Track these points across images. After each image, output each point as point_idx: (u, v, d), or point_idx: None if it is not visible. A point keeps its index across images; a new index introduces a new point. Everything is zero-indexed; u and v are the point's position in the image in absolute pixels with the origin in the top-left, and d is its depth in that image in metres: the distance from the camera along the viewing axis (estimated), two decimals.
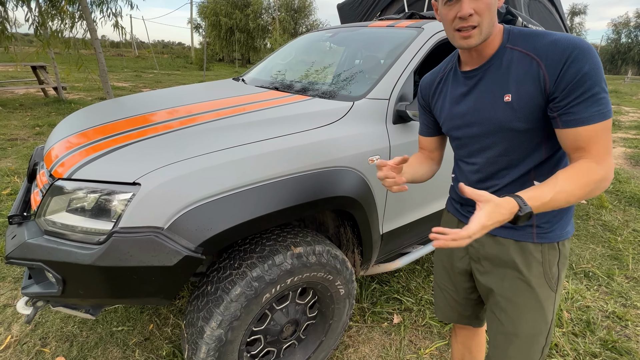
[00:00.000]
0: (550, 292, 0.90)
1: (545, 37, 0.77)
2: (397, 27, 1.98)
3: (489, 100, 0.83)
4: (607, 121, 0.73)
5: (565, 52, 0.72)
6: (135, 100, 1.90)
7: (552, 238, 0.88)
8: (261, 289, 1.16)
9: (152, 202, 1.00)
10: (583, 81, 0.71)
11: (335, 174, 1.31)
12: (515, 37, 0.81)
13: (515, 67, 0.79)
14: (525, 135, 0.81)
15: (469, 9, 0.75)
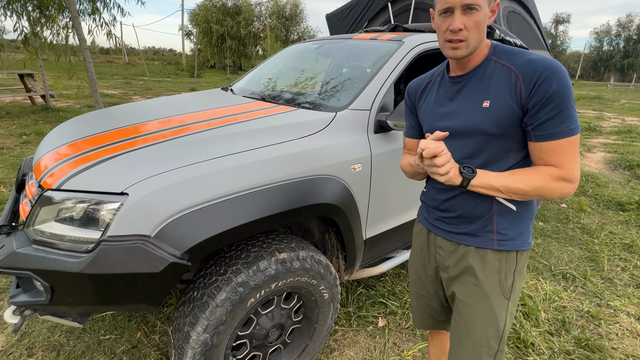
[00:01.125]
0: (504, 299, 0.94)
1: (524, 55, 0.85)
2: (379, 39, 2.07)
3: (469, 104, 0.91)
4: (574, 137, 0.81)
5: (538, 70, 0.80)
6: (124, 111, 1.94)
7: (512, 246, 0.93)
8: (246, 294, 1.20)
9: (139, 212, 1.03)
10: (552, 99, 0.79)
11: (318, 182, 1.37)
12: (500, 52, 0.90)
13: (497, 77, 0.87)
14: (497, 140, 0.88)
15: (459, 24, 0.83)
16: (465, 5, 0.82)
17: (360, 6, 4.10)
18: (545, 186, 0.83)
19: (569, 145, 0.81)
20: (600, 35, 41.33)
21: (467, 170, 0.86)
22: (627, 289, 2.18)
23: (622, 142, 6.50)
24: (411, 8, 3.61)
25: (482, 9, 0.83)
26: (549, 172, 0.83)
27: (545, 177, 0.83)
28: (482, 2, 0.83)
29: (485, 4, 0.84)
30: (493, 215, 0.93)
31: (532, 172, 0.85)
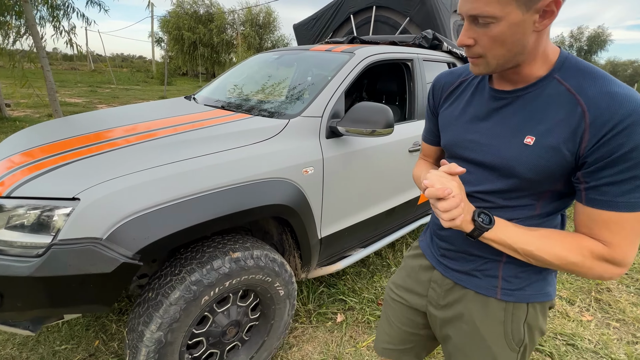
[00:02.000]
0: (511, 352, 0.78)
1: (604, 83, 0.60)
2: (333, 51, 2.20)
3: (507, 134, 0.69)
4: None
5: (619, 113, 0.56)
6: (82, 119, 1.95)
7: (521, 298, 0.76)
8: (200, 292, 1.26)
9: (90, 216, 1.08)
10: (627, 158, 0.56)
11: (271, 185, 1.45)
12: (569, 68, 0.65)
13: (555, 106, 0.64)
14: (528, 185, 0.69)
15: (466, 40, 0.65)
16: (471, 16, 0.63)
17: (325, 18, 4.27)
18: (581, 264, 0.63)
19: (633, 221, 0.59)
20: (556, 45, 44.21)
21: (482, 219, 0.68)
22: (561, 276, 2.40)
23: None
24: (371, 21, 3.81)
25: (506, 18, 0.60)
26: (591, 247, 0.62)
27: (585, 253, 0.63)
28: (505, 10, 0.59)
29: (511, 11, 0.59)
30: (501, 259, 0.76)
31: (568, 242, 0.65)
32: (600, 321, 1.98)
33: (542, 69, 0.67)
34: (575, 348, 1.77)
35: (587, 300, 2.17)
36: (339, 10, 4.05)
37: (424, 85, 2.36)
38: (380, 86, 3.07)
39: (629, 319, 2.01)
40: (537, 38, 0.63)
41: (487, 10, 0.59)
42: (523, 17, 0.59)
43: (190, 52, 26.73)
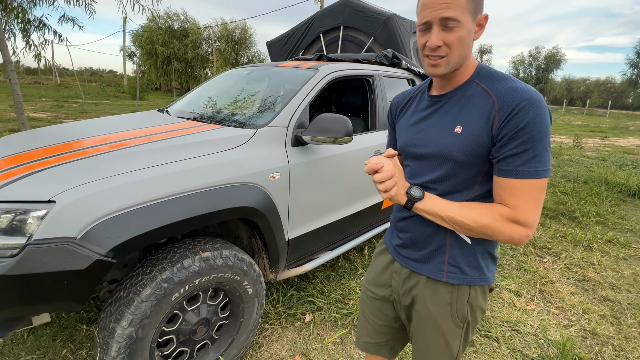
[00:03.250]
0: (456, 329, 0.92)
1: (508, 82, 0.79)
2: (300, 67, 2.37)
3: (442, 127, 0.86)
4: (538, 180, 0.74)
5: (517, 99, 0.74)
6: (53, 130, 1.99)
7: (463, 281, 0.88)
8: (170, 289, 1.34)
9: (65, 217, 1.15)
10: (523, 133, 0.72)
11: (239, 189, 1.57)
12: (485, 75, 0.83)
13: (475, 102, 0.81)
14: (465, 169, 0.83)
15: (437, 41, 0.77)
16: (443, 19, 0.76)
17: (297, 36, 4.49)
18: (493, 226, 0.77)
19: (531, 187, 0.74)
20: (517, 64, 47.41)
21: (413, 192, 0.84)
22: (512, 272, 2.63)
23: None
24: (339, 40, 4.06)
25: (465, 24, 0.76)
26: (499, 211, 0.77)
27: (495, 216, 0.77)
28: (464, 17, 0.75)
29: (469, 19, 0.77)
30: (446, 245, 0.88)
31: (482, 209, 0.80)
32: (542, 309, 2.20)
33: (467, 74, 0.85)
34: (519, 333, 1.96)
35: (532, 291, 2.39)
36: (310, 29, 4.28)
37: (384, 99, 2.57)
38: (347, 100, 3.28)
39: (567, 306, 2.23)
40: (471, 46, 0.82)
41: (456, 15, 0.75)
42: (472, 25, 0.78)
43: (164, 67, 26.49)
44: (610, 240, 3.25)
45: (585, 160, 7.08)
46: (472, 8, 0.77)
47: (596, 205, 4.16)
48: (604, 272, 2.69)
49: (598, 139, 11.69)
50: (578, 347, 1.88)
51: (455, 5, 0.75)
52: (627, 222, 3.75)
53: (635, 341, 1.96)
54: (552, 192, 4.74)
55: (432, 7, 0.77)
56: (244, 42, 27.93)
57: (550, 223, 3.64)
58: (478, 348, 1.85)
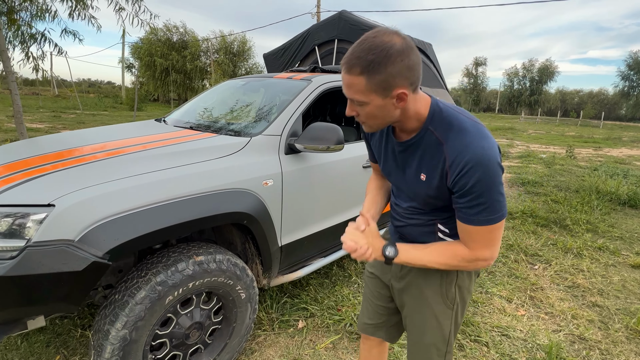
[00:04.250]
0: (447, 309, 1.03)
1: (459, 133, 0.82)
2: (294, 78, 2.45)
3: (410, 173, 0.94)
4: (492, 225, 0.82)
5: (464, 160, 0.79)
6: (52, 139, 2.04)
7: None
8: (164, 292, 1.37)
9: (64, 220, 1.19)
10: (472, 191, 0.80)
11: (232, 194, 1.61)
12: (438, 120, 0.86)
13: (431, 152, 0.87)
14: (438, 200, 0.92)
15: (350, 112, 0.87)
16: (351, 99, 0.83)
17: (293, 48, 4.60)
18: (460, 265, 0.90)
19: (485, 232, 0.83)
20: (511, 76, 48.24)
21: (388, 252, 0.92)
22: (503, 279, 2.67)
23: (522, 165, 7.67)
24: (334, 52, 4.17)
25: (372, 102, 0.81)
26: (462, 254, 0.88)
27: (459, 258, 0.88)
28: (369, 97, 0.80)
29: (375, 97, 0.80)
30: (436, 240, 1.00)
31: (448, 253, 0.90)
32: (532, 315, 2.23)
33: (417, 123, 0.88)
34: (508, 337, 1.99)
35: (522, 297, 2.43)
36: (305, 41, 4.40)
37: None
38: (340, 110, 3.36)
39: (556, 311, 2.27)
40: (403, 110, 0.84)
41: (357, 97, 0.81)
42: (384, 101, 0.81)
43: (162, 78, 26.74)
44: (600, 247, 3.30)
45: (578, 169, 7.19)
46: (376, 89, 0.78)
47: (587, 213, 4.23)
48: (594, 278, 2.74)
49: (591, 150, 11.86)
50: (566, 351, 1.91)
51: (357, 90, 0.80)
52: (617, 230, 3.81)
53: (622, 345, 1.99)
54: (544, 200, 4.81)
55: (344, 86, 0.83)
56: (243, 54, 28.30)
57: (542, 231, 3.70)
58: (468, 352, 1.88)
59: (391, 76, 0.77)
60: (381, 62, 0.75)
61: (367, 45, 0.76)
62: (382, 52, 0.75)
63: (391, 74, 0.76)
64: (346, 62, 0.79)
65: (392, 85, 0.78)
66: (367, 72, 0.76)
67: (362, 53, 0.76)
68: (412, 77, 0.79)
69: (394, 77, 0.77)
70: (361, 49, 0.77)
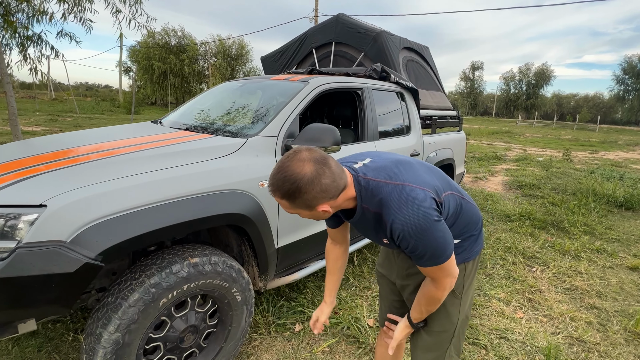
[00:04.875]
0: (455, 299, 1.14)
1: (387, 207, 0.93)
2: (291, 80, 2.44)
3: (375, 236, 1.04)
4: (439, 266, 0.95)
5: (396, 232, 0.91)
6: (47, 140, 2.02)
7: (459, 260, 1.10)
8: (158, 294, 1.35)
9: (56, 221, 1.17)
10: (413, 250, 0.93)
11: (228, 195, 1.60)
12: (366, 197, 0.96)
13: (376, 222, 0.97)
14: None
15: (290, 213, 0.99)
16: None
17: (290, 51, 4.60)
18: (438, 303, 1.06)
19: (439, 270, 0.97)
20: (507, 80, 48.58)
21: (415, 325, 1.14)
22: (501, 281, 2.65)
23: (519, 167, 7.69)
24: (331, 55, 4.18)
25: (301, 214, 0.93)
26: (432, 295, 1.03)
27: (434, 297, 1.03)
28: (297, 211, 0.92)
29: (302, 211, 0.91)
30: None
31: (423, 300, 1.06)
32: (530, 317, 2.22)
33: (353, 203, 0.99)
34: (507, 340, 1.97)
35: (521, 300, 2.41)
36: (303, 44, 4.41)
37: (373, 111, 2.64)
38: (337, 112, 3.36)
39: (554, 314, 2.26)
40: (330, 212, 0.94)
41: (288, 211, 0.93)
42: (312, 212, 0.92)
43: (160, 82, 26.71)
44: (597, 249, 3.30)
45: (574, 172, 7.21)
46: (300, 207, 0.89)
47: (584, 216, 4.23)
48: (591, 280, 2.73)
49: (588, 153, 11.92)
50: (564, 354, 1.89)
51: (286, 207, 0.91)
52: (614, 232, 3.81)
53: (621, 347, 1.98)
54: (541, 203, 4.81)
55: None
56: (241, 58, 28.35)
57: (540, 233, 3.69)
58: (466, 356, 1.86)
59: (308, 200, 0.87)
60: (295, 192, 0.86)
61: (281, 176, 0.86)
62: (294, 185, 0.85)
63: (307, 199, 0.87)
64: (270, 186, 0.89)
65: (313, 205, 0.89)
66: (287, 198, 0.87)
67: (279, 182, 0.86)
68: (329, 193, 0.89)
69: (311, 201, 0.88)
70: (277, 178, 0.86)
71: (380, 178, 0.97)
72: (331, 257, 1.33)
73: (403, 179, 0.96)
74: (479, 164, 7.98)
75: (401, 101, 3.06)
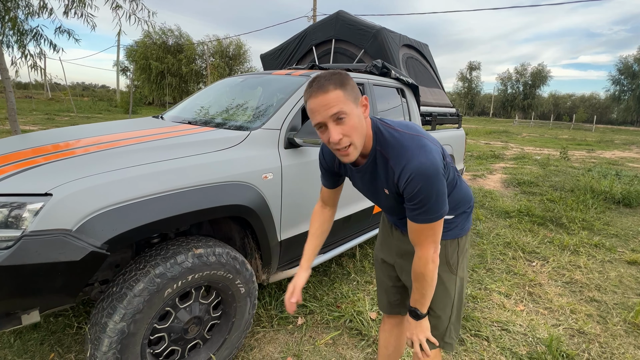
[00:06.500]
0: (451, 275, 1.17)
1: (400, 151, 0.96)
2: (292, 75, 2.45)
3: (375, 189, 1.09)
4: (430, 224, 0.97)
5: (407, 172, 0.93)
6: (44, 134, 2.01)
7: (453, 235, 1.16)
8: (163, 284, 1.35)
9: (62, 210, 1.17)
10: (415, 197, 0.94)
11: (231, 187, 1.60)
12: (381, 140, 1.01)
13: (383, 169, 1.01)
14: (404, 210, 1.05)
15: (337, 135, 0.91)
16: (333, 115, 0.90)
17: (290, 48, 4.61)
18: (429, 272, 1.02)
19: (428, 229, 0.99)
20: (504, 81, 48.76)
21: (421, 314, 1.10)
22: (502, 275, 2.67)
23: (517, 166, 7.73)
24: (331, 52, 4.19)
25: (352, 112, 0.91)
26: (418, 267, 1.03)
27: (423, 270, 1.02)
28: (348, 108, 0.90)
29: (352, 107, 0.91)
30: None
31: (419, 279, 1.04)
32: (531, 310, 2.23)
33: (369, 144, 1.02)
34: (508, 332, 1.99)
35: (521, 293, 2.43)
36: (303, 42, 4.41)
37: (374, 106, 2.65)
38: None
39: (555, 306, 2.27)
40: (365, 124, 0.97)
41: (340, 107, 0.90)
42: (357, 110, 0.94)
43: (158, 82, 26.58)
44: (596, 244, 3.33)
45: (572, 170, 7.26)
46: (351, 97, 0.92)
47: (582, 212, 4.26)
48: (591, 274, 2.75)
49: (584, 152, 11.99)
50: (565, 345, 1.91)
51: (338, 101, 0.90)
52: (613, 227, 3.84)
53: (621, 338, 2.00)
54: (539, 200, 4.84)
55: (319, 110, 0.91)
56: (238, 58, 28.28)
57: (539, 229, 3.71)
58: (468, 347, 1.87)
59: (353, 88, 0.94)
60: (343, 79, 0.92)
61: (325, 74, 0.92)
62: (338, 74, 0.93)
63: (353, 86, 0.94)
64: (318, 87, 0.90)
65: (358, 94, 0.95)
66: (341, 86, 0.90)
67: (327, 76, 0.91)
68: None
69: (354, 88, 0.94)
70: (323, 77, 0.91)
71: (397, 127, 1.03)
72: (318, 220, 1.36)
73: (418, 132, 1.02)
74: (477, 163, 8.01)
75: (402, 97, 3.07)
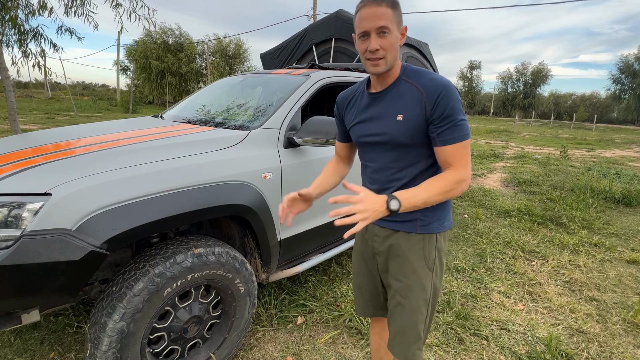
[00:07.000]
0: (429, 272, 1.13)
1: (427, 75, 1.04)
2: (292, 74, 2.44)
3: (386, 118, 1.07)
4: (466, 141, 1.00)
5: (439, 89, 0.98)
6: (44, 133, 2.01)
7: (432, 230, 1.12)
8: (163, 283, 1.35)
9: (61, 209, 1.17)
10: (448, 113, 0.98)
11: (231, 187, 1.60)
12: (409, 72, 1.07)
13: (407, 94, 1.03)
14: (410, 148, 1.06)
15: (376, 45, 0.99)
16: (379, 28, 0.98)
17: (290, 48, 4.60)
18: (452, 188, 1.00)
19: (462, 148, 1.00)
20: (504, 80, 48.69)
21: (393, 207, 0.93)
22: (501, 274, 2.67)
23: (517, 165, 7.73)
24: (331, 51, 4.18)
25: (393, 32, 0.99)
26: (452, 177, 1.00)
27: (451, 182, 0.99)
28: (393, 27, 0.99)
29: (395, 28, 1.00)
30: (417, 210, 1.07)
31: (441, 181, 1.00)
32: (530, 309, 2.24)
33: (396, 74, 1.08)
34: (508, 331, 1.99)
35: (521, 292, 2.43)
36: (302, 41, 4.40)
37: None
38: None
39: (554, 306, 2.28)
40: (399, 51, 1.04)
41: (386, 23, 0.99)
42: (397, 33, 1.02)
43: (158, 81, 26.56)
44: (596, 244, 3.33)
45: (572, 169, 7.25)
46: (397, 20, 1.01)
47: (582, 211, 4.26)
48: (590, 273, 2.75)
49: (585, 151, 11.99)
50: (565, 344, 1.91)
51: (386, 17, 0.99)
52: (612, 227, 3.84)
53: (620, 338, 2.00)
54: (539, 199, 4.84)
55: (368, 19, 0.99)
56: (238, 57, 28.24)
57: (538, 228, 3.72)
58: (468, 346, 1.87)
59: (400, 14, 1.03)
60: (395, 3, 1.01)
61: None
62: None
63: (400, 12, 1.03)
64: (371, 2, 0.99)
65: (401, 22, 1.04)
66: (392, 7, 1.00)
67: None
68: None
69: (400, 15, 1.03)
70: None
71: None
72: (329, 169, 1.32)
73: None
74: (477, 162, 8.01)
75: None
